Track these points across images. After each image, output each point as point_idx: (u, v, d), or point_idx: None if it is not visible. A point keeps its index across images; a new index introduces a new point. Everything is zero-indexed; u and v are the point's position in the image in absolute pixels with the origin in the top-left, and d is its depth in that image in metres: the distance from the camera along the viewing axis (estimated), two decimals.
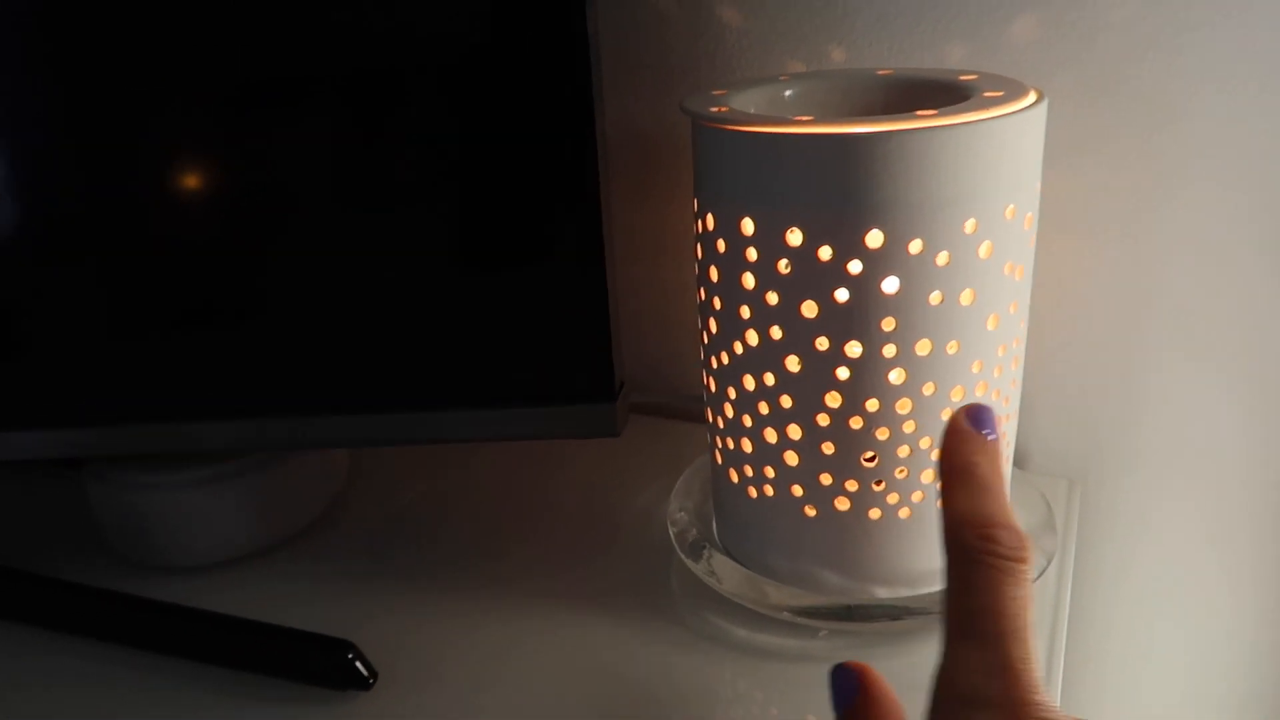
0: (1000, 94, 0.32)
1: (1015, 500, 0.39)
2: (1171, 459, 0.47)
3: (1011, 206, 0.32)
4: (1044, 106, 0.32)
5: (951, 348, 0.32)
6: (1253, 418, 0.45)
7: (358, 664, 0.35)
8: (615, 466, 0.49)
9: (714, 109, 0.33)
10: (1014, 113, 0.31)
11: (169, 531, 0.42)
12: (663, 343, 0.54)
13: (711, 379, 0.37)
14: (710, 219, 0.34)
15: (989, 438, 0.27)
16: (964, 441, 0.27)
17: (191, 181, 0.37)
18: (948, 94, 0.34)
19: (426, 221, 0.37)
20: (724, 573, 0.38)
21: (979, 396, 0.34)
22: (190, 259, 0.38)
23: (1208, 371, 0.45)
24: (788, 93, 0.38)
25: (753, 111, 0.35)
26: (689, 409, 0.53)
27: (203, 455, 0.42)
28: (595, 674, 0.36)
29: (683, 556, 0.40)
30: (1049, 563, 0.38)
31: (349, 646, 0.35)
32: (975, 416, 0.27)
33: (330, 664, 0.35)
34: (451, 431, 0.38)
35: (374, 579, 0.42)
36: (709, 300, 0.36)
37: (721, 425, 0.37)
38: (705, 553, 0.39)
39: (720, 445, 0.38)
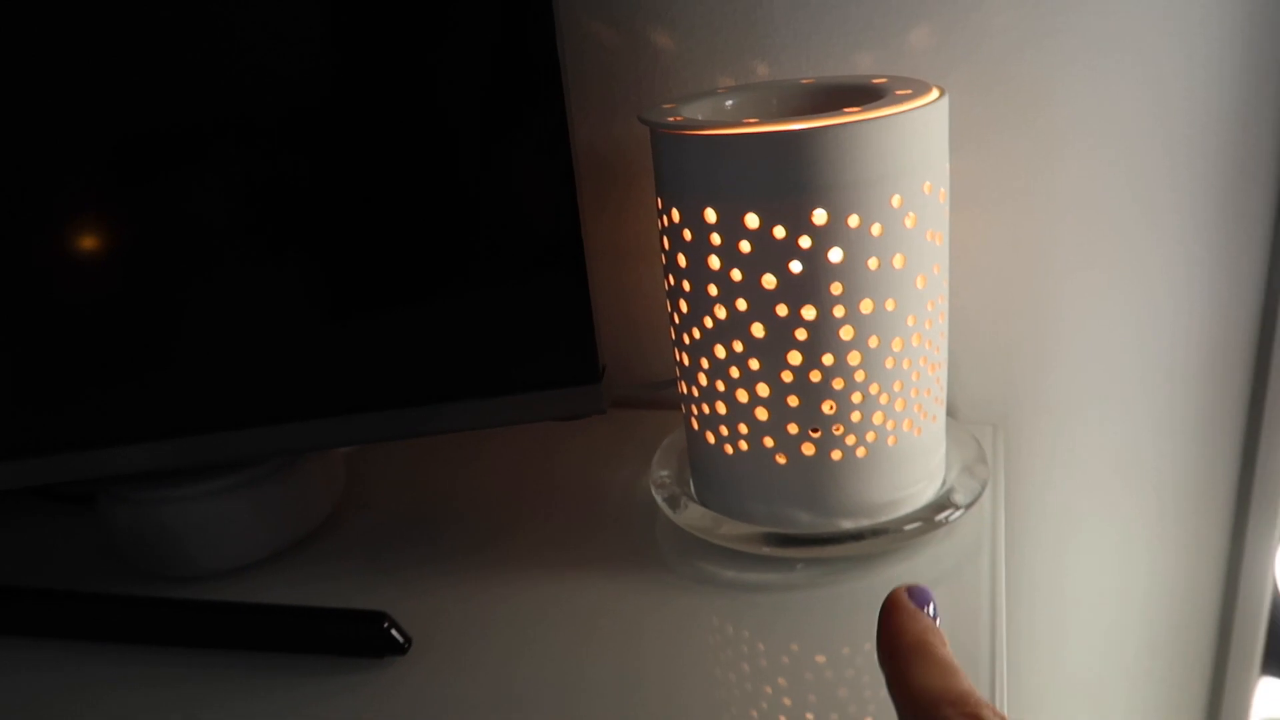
0: (909, 92, 0.39)
1: (951, 442, 0.45)
2: (1080, 401, 0.54)
3: (928, 183, 0.38)
4: (946, 100, 0.39)
5: (889, 305, 0.38)
6: (1146, 358, 0.52)
7: (393, 631, 0.39)
8: (596, 452, 0.54)
9: (671, 119, 0.39)
10: (923, 106, 0.37)
11: (195, 541, 0.44)
12: (624, 339, 0.59)
13: (684, 354, 0.42)
14: (675, 213, 0.39)
15: (932, 617, 0.26)
16: (912, 619, 0.26)
17: (165, 185, 0.40)
18: (865, 95, 0.40)
19: (428, 233, 0.42)
20: (707, 522, 0.43)
21: (914, 347, 0.40)
22: (181, 267, 0.41)
23: (1103, 319, 0.52)
24: (728, 103, 0.44)
25: (702, 119, 0.41)
26: (656, 397, 0.58)
27: (213, 467, 0.45)
28: (603, 628, 0.40)
29: (669, 513, 0.45)
30: (983, 488, 0.44)
31: (383, 616, 0.39)
32: (916, 594, 0.26)
33: (368, 633, 0.39)
34: (455, 422, 0.43)
35: (390, 569, 0.46)
36: (678, 284, 0.41)
37: (696, 394, 0.42)
38: (687, 506, 0.44)
39: (696, 412, 0.43)
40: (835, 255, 0.37)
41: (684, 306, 0.41)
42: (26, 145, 0.39)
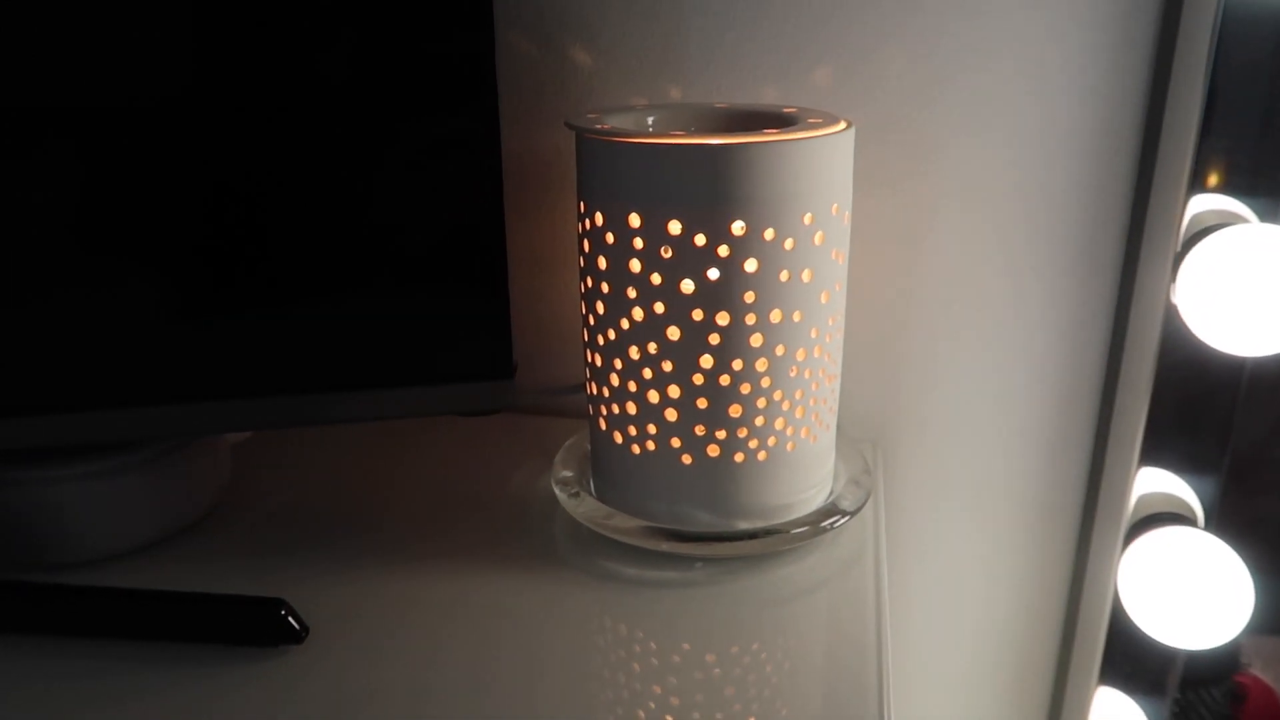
0: (820, 121, 0.42)
1: (839, 454, 0.48)
2: (947, 422, 0.58)
3: (835, 205, 0.41)
4: (853, 131, 0.42)
5: (796, 316, 0.41)
6: (1006, 384, 0.57)
7: (290, 618, 0.38)
8: (497, 454, 0.55)
9: (600, 126, 0.40)
10: (836, 133, 0.40)
11: (71, 525, 0.42)
12: (530, 344, 0.59)
13: (596, 355, 0.44)
14: (599, 217, 0.41)
15: None
16: None
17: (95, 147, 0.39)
18: (777, 121, 0.43)
19: (349, 224, 0.41)
20: (608, 518, 0.44)
21: (815, 358, 0.42)
22: (77, 232, 0.40)
23: (970, 348, 0.56)
24: (650, 118, 0.46)
25: (630, 129, 0.43)
26: (556, 404, 0.59)
27: (95, 447, 0.43)
28: (497, 624, 0.40)
29: (570, 509, 0.46)
30: (868, 496, 0.47)
31: (280, 603, 0.38)
32: None
33: (263, 620, 0.38)
34: (366, 410, 0.42)
35: (280, 562, 0.44)
36: (596, 286, 0.42)
37: (607, 394, 0.44)
38: (588, 503, 0.45)
39: (605, 412, 0.44)
40: (751, 265, 0.39)
41: (600, 308, 0.42)
42: None
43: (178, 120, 0.39)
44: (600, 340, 0.43)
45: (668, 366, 0.41)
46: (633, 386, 0.42)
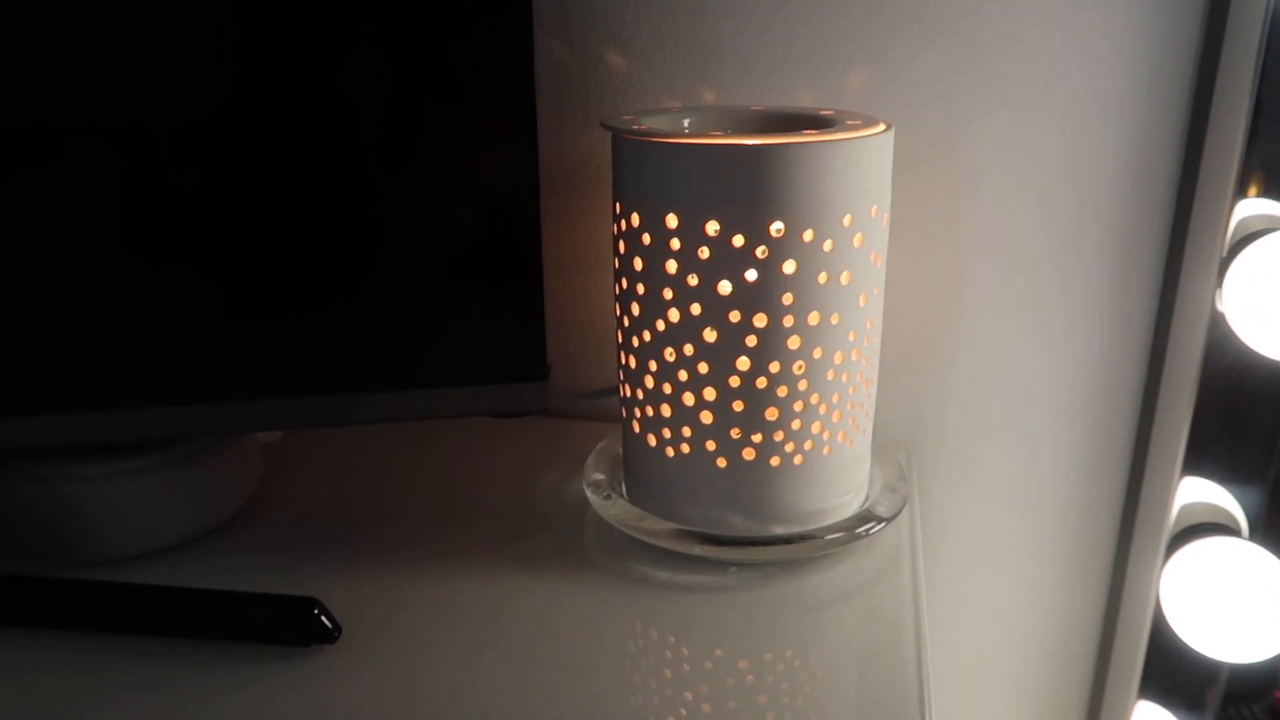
0: (859, 123, 0.41)
1: (874, 460, 0.48)
2: (981, 430, 0.57)
3: (875, 207, 0.40)
4: (893, 133, 0.41)
5: (834, 319, 0.40)
6: (1045, 390, 0.56)
7: (323, 618, 0.38)
8: (527, 457, 0.54)
9: (638, 127, 0.40)
10: (876, 135, 0.40)
11: (103, 523, 0.42)
12: (559, 349, 0.59)
13: (631, 357, 0.43)
14: (636, 217, 0.41)
15: None
16: None
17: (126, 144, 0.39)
18: (815, 123, 0.43)
19: (389, 227, 0.41)
20: (640, 521, 0.44)
21: (853, 361, 0.42)
22: (115, 234, 0.40)
23: (1007, 352, 0.56)
24: (686, 120, 0.45)
25: (668, 130, 0.42)
26: (585, 409, 0.59)
27: (129, 445, 0.43)
28: (530, 627, 0.40)
29: (603, 511, 0.45)
30: (904, 503, 0.46)
31: (313, 602, 0.38)
32: None
33: (297, 619, 0.37)
34: (401, 410, 0.42)
35: (309, 560, 0.44)
36: (631, 287, 0.42)
37: (641, 396, 0.43)
38: (620, 506, 0.45)
39: (639, 415, 0.44)
40: (789, 267, 0.39)
41: (636, 310, 0.42)
42: None
43: (216, 124, 0.39)
44: (635, 342, 0.43)
45: (704, 368, 0.40)
46: (668, 389, 0.42)
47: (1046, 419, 0.57)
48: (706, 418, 0.41)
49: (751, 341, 0.40)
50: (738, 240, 0.38)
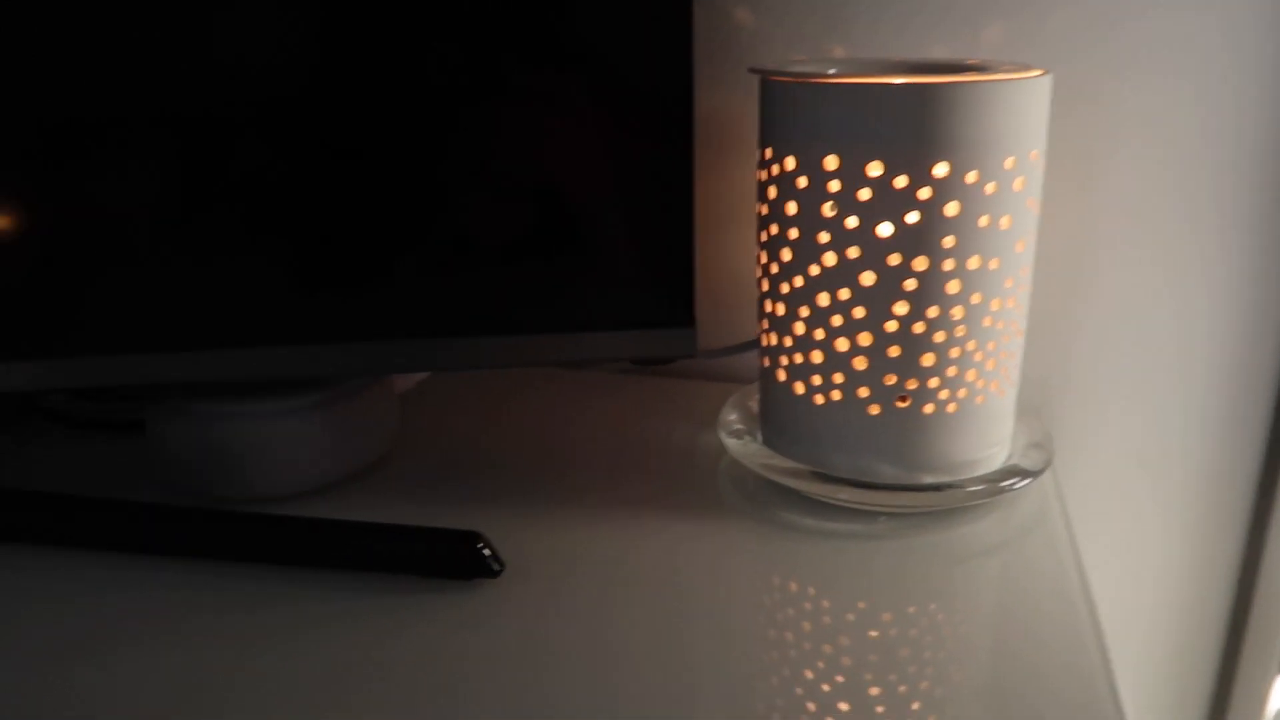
0: (1014, 67, 0.41)
1: (1020, 414, 0.47)
2: (1113, 391, 0.56)
3: (1035, 151, 0.40)
4: (1050, 78, 0.41)
5: (993, 264, 0.40)
6: (1179, 353, 0.55)
7: (486, 552, 0.38)
8: (657, 412, 0.55)
9: (796, 70, 0.40)
10: (1038, 77, 0.39)
11: (256, 461, 0.43)
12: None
13: (779, 304, 0.43)
14: (791, 160, 0.40)
15: None
16: None
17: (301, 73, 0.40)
18: (961, 70, 0.42)
19: (546, 174, 0.42)
20: (784, 469, 0.44)
21: (1009, 309, 0.41)
22: (287, 165, 0.41)
23: (1141, 313, 0.55)
24: (830, 70, 0.45)
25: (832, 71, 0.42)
26: (706, 368, 0.59)
27: (281, 386, 0.44)
28: (668, 575, 0.40)
29: (742, 459, 0.45)
30: (1050, 458, 0.45)
31: (477, 536, 0.38)
32: None
33: (461, 553, 0.38)
34: (549, 354, 0.42)
35: (451, 501, 0.45)
36: (783, 232, 0.42)
37: (789, 344, 0.43)
38: (762, 453, 0.45)
39: (786, 363, 0.44)
40: (951, 209, 0.38)
41: (787, 255, 0.42)
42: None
43: (384, 62, 0.40)
44: (785, 289, 0.42)
45: (859, 313, 0.40)
46: (819, 334, 0.42)
47: (1178, 386, 0.55)
48: (860, 363, 0.41)
49: (910, 285, 0.39)
50: (900, 181, 0.38)
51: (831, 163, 0.39)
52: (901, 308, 0.40)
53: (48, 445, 0.51)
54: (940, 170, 0.38)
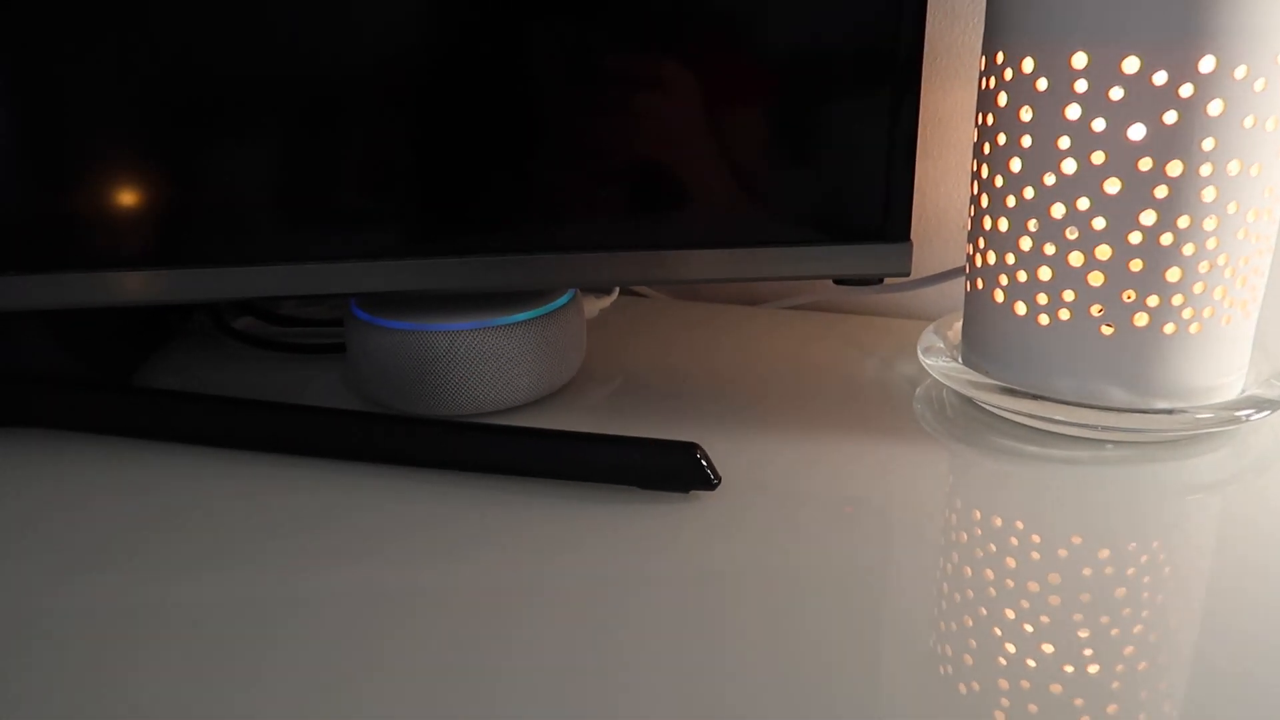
0: None
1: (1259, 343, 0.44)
2: None
3: None
4: None
5: (1255, 169, 0.37)
6: None
7: (704, 463, 0.37)
8: (848, 344, 0.54)
9: None
10: None
11: (467, 376, 0.43)
12: None
13: (1001, 219, 0.41)
14: (1029, 62, 0.38)
15: None
16: None
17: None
18: None
19: (771, 92, 0.41)
20: (1000, 393, 0.42)
21: (1265, 222, 0.38)
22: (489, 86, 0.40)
23: None
24: None
25: None
26: (886, 304, 0.57)
27: (482, 299, 0.44)
28: (880, 503, 0.38)
29: (954, 384, 0.43)
30: None
31: (695, 447, 0.38)
32: None
33: (680, 464, 0.37)
34: (773, 268, 0.41)
35: (650, 418, 0.45)
36: (1012, 141, 0.39)
37: (1011, 261, 0.41)
38: (975, 378, 0.43)
39: (1005, 282, 0.41)
40: (1215, 108, 0.36)
41: (1016, 166, 0.40)
42: None
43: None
44: (1010, 201, 0.40)
45: (1099, 224, 0.38)
46: (1049, 249, 0.39)
47: None
48: (1096, 279, 0.39)
49: (1161, 192, 0.37)
50: (1159, 78, 0.35)
51: (1080, 60, 0.36)
52: (1149, 217, 0.37)
53: (242, 370, 0.52)
54: (1206, 65, 0.35)
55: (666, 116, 0.41)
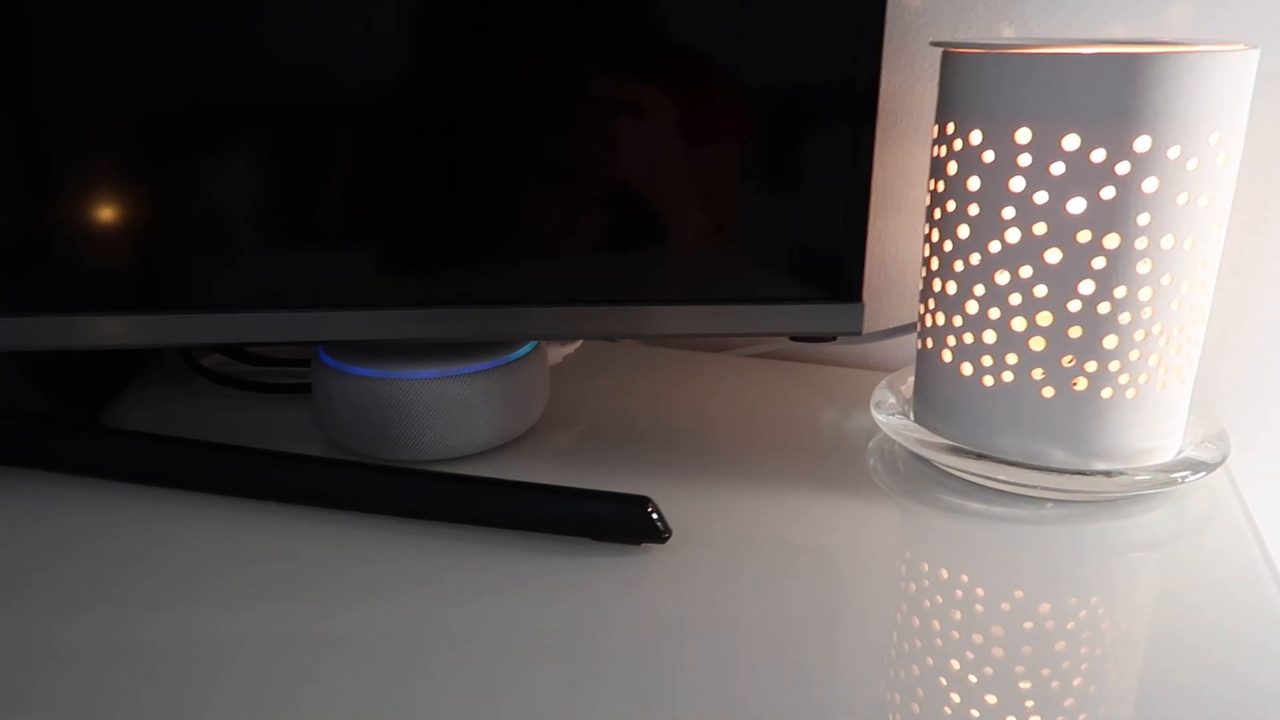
0: (1212, 42, 0.39)
1: (1195, 407, 0.45)
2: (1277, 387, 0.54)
3: (1239, 128, 0.38)
4: (1258, 53, 0.39)
5: (1188, 244, 0.38)
6: None
7: (655, 517, 0.38)
8: (806, 396, 0.55)
9: (986, 42, 0.39)
10: (1246, 51, 0.37)
11: (426, 423, 0.44)
12: None
13: (949, 282, 0.42)
14: (977, 134, 0.40)
15: None
16: None
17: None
18: (1152, 45, 0.41)
19: (729, 148, 0.42)
20: (945, 452, 0.43)
21: (1198, 293, 0.40)
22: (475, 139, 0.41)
23: None
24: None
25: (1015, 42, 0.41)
26: (846, 355, 0.59)
27: (445, 347, 0.45)
28: (826, 553, 0.39)
29: (902, 440, 0.45)
30: (1228, 449, 0.44)
31: (647, 501, 0.39)
32: None
33: (631, 517, 0.38)
34: (724, 326, 0.43)
35: (604, 469, 0.45)
36: (961, 209, 0.41)
37: (958, 323, 0.42)
38: (923, 436, 0.44)
39: (953, 343, 0.43)
40: (1150, 185, 0.37)
41: (963, 232, 0.41)
42: None
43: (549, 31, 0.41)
44: (958, 266, 0.42)
45: (1040, 291, 0.39)
46: (994, 314, 0.41)
47: None
48: (1038, 344, 0.40)
49: (1099, 263, 0.38)
50: (1097, 155, 0.37)
51: (1024, 135, 0.38)
52: (1087, 287, 0.39)
53: (210, 406, 0.53)
54: (1141, 144, 0.37)
55: (630, 176, 0.43)
